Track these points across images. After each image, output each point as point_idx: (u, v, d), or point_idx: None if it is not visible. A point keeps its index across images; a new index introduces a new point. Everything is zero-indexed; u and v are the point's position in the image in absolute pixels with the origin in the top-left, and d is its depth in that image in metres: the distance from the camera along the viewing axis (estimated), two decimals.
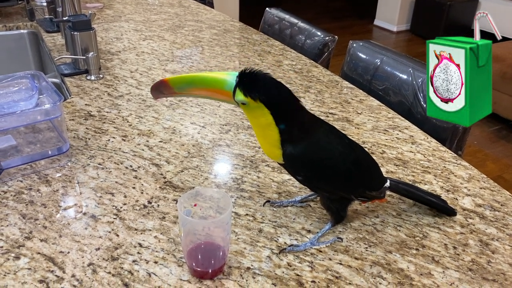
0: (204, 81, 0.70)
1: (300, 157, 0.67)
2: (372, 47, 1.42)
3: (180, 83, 0.72)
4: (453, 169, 0.96)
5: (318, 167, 0.69)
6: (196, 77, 0.72)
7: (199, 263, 0.67)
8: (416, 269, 0.70)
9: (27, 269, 0.68)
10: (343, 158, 0.71)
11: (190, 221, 0.66)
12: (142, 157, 0.97)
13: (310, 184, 0.73)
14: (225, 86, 0.67)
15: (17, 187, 0.87)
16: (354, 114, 1.19)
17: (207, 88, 0.69)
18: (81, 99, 1.23)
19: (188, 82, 0.72)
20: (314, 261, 0.71)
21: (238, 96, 0.65)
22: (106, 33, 1.80)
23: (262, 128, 0.68)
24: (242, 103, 0.66)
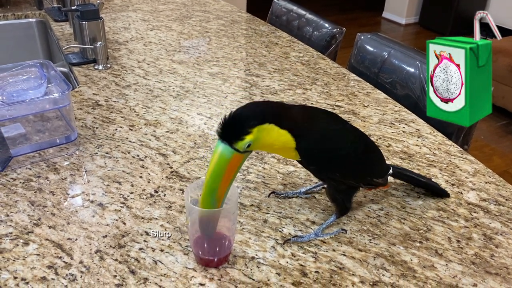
0: (218, 176, 0.63)
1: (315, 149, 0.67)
2: (379, 40, 1.41)
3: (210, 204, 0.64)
4: (459, 163, 0.96)
5: (331, 157, 0.70)
6: (209, 183, 0.63)
7: (205, 252, 0.68)
8: (419, 261, 0.71)
9: (36, 255, 0.69)
10: (354, 147, 0.71)
11: (197, 210, 0.67)
12: (149, 147, 0.98)
13: (321, 173, 0.74)
14: (225, 159, 0.62)
15: (26, 175, 0.88)
16: (361, 107, 1.19)
17: (224, 173, 0.62)
18: (89, 88, 1.24)
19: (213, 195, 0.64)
20: (318, 252, 0.72)
21: (239, 146, 0.61)
22: (114, 22, 1.80)
23: (278, 145, 0.66)
24: (247, 145, 0.61)
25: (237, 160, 0.62)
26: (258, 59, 1.49)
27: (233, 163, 0.62)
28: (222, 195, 0.64)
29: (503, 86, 3.22)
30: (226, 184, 0.64)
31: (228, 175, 0.63)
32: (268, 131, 0.62)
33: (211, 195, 0.63)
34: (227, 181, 0.63)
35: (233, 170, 0.63)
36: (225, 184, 0.63)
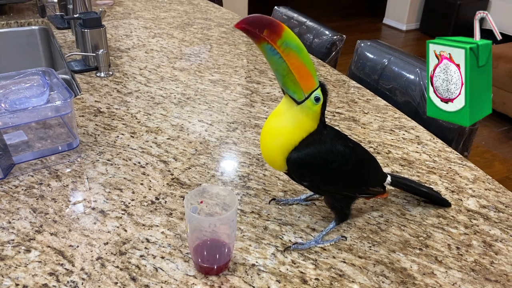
0: (308, 58, 0.65)
1: (304, 163, 0.68)
2: (379, 47, 1.42)
3: (291, 40, 0.63)
4: (458, 170, 0.97)
5: (321, 171, 0.70)
6: (305, 49, 0.65)
7: (204, 259, 0.69)
8: (419, 268, 0.71)
9: (37, 262, 0.70)
10: (345, 159, 0.72)
11: (197, 218, 0.68)
12: (150, 154, 0.99)
13: (315, 188, 0.74)
14: (316, 77, 0.67)
15: (28, 182, 0.88)
16: (361, 113, 1.20)
17: (305, 65, 0.65)
18: (91, 95, 1.25)
19: (298, 46, 0.64)
20: (318, 259, 0.72)
21: (318, 92, 0.67)
22: (116, 30, 1.81)
23: (294, 129, 0.68)
24: (317, 98, 0.67)
25: (311, 83, 0.67)
26: (259, 66, 1.50)
27: (310, 79, 0.66)
28: (289, 50, 0.64)
29: (503, 92, 3.22)
30: (292, 62, 0.64)
31: (302, 69, 0.65)
32: (313, 117, 0.68)
33: (295, 40, 0.64)
34: (297, 65, 0.65)
35: (303, 77, 0.66)
36: (294, 62, 0.64)
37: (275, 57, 0.64)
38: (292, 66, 0.64)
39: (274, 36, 0.62)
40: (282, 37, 0.62)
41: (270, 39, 0.62)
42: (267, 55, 0.64)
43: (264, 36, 0.62)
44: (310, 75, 0.65)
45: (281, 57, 0.64)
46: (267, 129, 0.71)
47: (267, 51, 0.64)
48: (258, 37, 0.63)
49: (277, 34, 0.62)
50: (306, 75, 0.65)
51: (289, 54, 0.63)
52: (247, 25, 0.62)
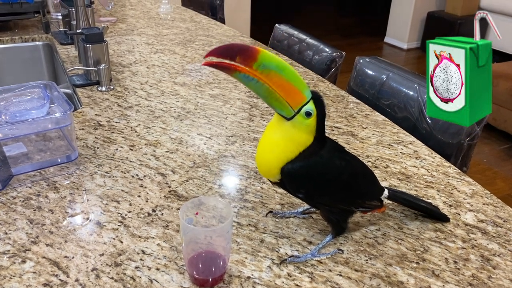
0: (293, 74, 0.64)
1: (298, 174, 0.69)
2: (378, 63, 1.44)
3: (269, 61, 0.62)
4: (457, 184, 0.96)
5: (316, 183, 0.70)
6: (288, 66, 0.64)
7: (199, 271, 0.68)
8: (415, 282, 0.70)
9: (32, 273, 0.70)
10: (340, 172, 0.72)
11: (192, 229, 0.68)
12: (148, 166, 0.99)
13: (310, 200, 0.74)
14: (305, 91, 0.66)
15: (25, 193, 0.89)
16: (359, 128, 1.20)
17: (290, 82, 0.64)
18: (92, 109, 1.26)
19: (278, 65, 0.63)
20: (314, 272, 0.72)
21: (310, 105, 0.66)
22: (118, 46, 1.84)
23: (289, 144, 0.68)
24: (307, 113, 0.66)
25: (299, 98, 0.66)
26: None
27: (298, 94, 0.66)
28: (268, 71, 0.64)
29: (504, 110, 3.23)
30: (275, 81, 0.64)
31: (287, 86, 0.65)
32: (307, 131, 0.68)
33: (274, 60, 0.64)
34: (280, 83, 0.64)
35: (290, 94, 0.65)
36: (276, 80, 0.64)
37: (252, 83, 0.64)
38: (274, 86, 0.64)
39: (248, 61, 0.62)
40: (258, 60, 0.62)
41: (244, 64, 0.62)
42: (242, 82, 0.65)
43: (237, 63, 0.62)
44: (296, 91, 0.65)
45: (258, 81, 0.64)
46: (263, 141, 0.71)
47: (242, 78, 0.64)
48: (229, 68, 0.63)
49: (252, 58, 0.62)
50: (292, 91, 0.65)
51: (268, 75, 0.63)
52: (216, 55, 0.61)
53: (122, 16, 2.34)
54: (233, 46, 0.62)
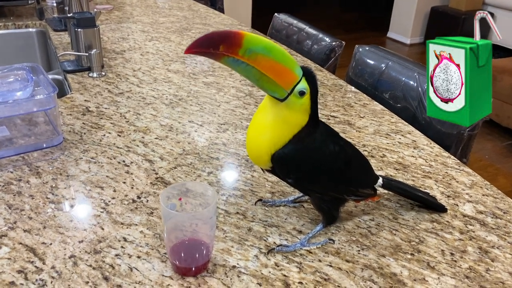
0: (282, 54, 0.60)
1: (288, 159, 0.65)
2: (378, 52, 1.40)
3: (256, 44, 0.58)
4: (455, 175, 0.93)
5: (307, 168, 0.66)
6: (275, 46, 0.60)
7: (182, 260, 0.65)
8: (409, 274, 0.67)
9: (6, 259, 0.66)
10: (333, 157, 0.68)
11: (175, 215, 0.64)
12: (136, 153, 0.95)
13: (301, 186, 0.71)
14: (296, 69, 0.62)
15: (6, 178, 0.85)
16: (357, 117, 1.16)
17: (279, 62, 0.60)
18: (81, 95, 1.22)
19: (265, 47, 0.59)
20: (303, 262, 0.68)
21: (303, 83, 0.62)
22: (113, 33, 1.80)
23: (283, 126, 0.64)
24: (301, 92, 0.62)
25: (291, 78, 0.62)
26: None
27: (290, 73, 0.62)
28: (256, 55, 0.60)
29: (508, 106, 3.18)
30: (264, 64, 0.60)
31: (277, 67, 0.61)
32: (301, 111, 0.64)
33: (261, 42, 0.59)
34: (270, 64, 0.60)
35: (280, 74, 0.61)
36: (266, 63, 0.60)
37: (241, 67, 0.60)
38: (264, 69, 0.60)
39: (233, 48, 0.58)
40: (243, 46, 0.58)
41: (229, 52, 0.58)
42: (231, 66, 0.61)
43: (221, 52, 0.58)
44: (287, 70, 0.61)
45: (248, 65, 0.60)
46: (254, 125, 0.68)
47: (230, 63, 0.60)
48: (215, 55, 0.59)
49: (236, 45, 0.58)
50: (282, 72, 0.61)
51: (256, 59, 0.59)
52: (198, 48, 0.57)
53: (119, 4, 2.30)
54: (213, 36, 0.57)
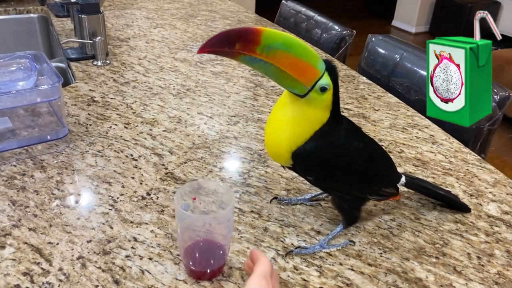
0: (303, 49, 0.56)
1: (310, 156, 0.61)
2: (391, 42, 1.35)
3: (274, 41, 0.54)
4: (477, 172, 0.89)
5: (330, 166, 0.63)
6: (296, 41, 0.55)
7: (196, 262, 0.61)
8: (435, 279, 0.64)
9: (11, 260, 0.63)
10: (357, 155, 0.64)
11: (189, 216, 0.60)
12: (144, 146, 0.92)
13: (322, 184, 0.67)
14: (319, 64, 0.57)
15: (9, 172, 0.82)
16: (371, 110, 1.12)
17: (300, 58, 0.56)
18: (86, 84, 1.18)
19: (285, 43, 0.55)
20: (323, 266, 0.65)
21: (325, 79, 0.58)
22: (117, 19, 1.75)
23: (304, 123, 0.61)
24: (323, 88, 0.58)
25: (313, 74, 0.58)
26: None
27: (311, 69, 0.58)
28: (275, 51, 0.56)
29: None
30: (284, 61, 0.56)
31: (297, 63, 0.57)
32: (323, 107, 0.60)
33: (280, 37, 0.55)
34: (289, 61, 0.56)
35: (301, 70, 0.57)
36: (285, 59, 0.56)
37: (259, 64, 0.56)
38: (283, 66, 0.56)
39: (250, 46, 0.54)
40: (262, 43, 0.54)
41: (246, 50, 0.54)
42: (248, 64, 0.57)
43: (237, 50, 0.54)
44: (308, 66, 0.57)
45: (265, 62, 0.55)
46: (273, 121, 0.64)
47: (247, 61, 0.56)
48: (231, 53, 0.54)
49: (254, 42, 0.53)
50: (303, 68, 0.57)
51: (275, 55, 0.55)
52: (212, 47, 0.53)
53: None
54: (229, 33, 0.53)
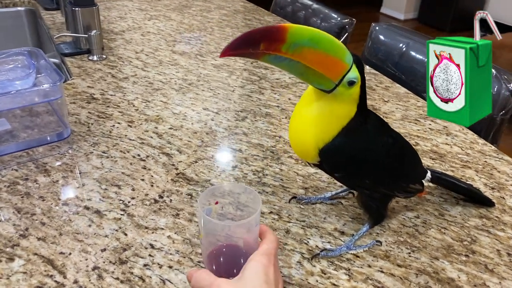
0: (331, 43, 0.52)
1: (339, 152, 0.58)
2: (396, 30, 1.32)
3: (300, 38, 0.51)
4: (495, 164, 0.87)
5: (359, 162, 0.60)
6: (323, 36, 0.52)
7: (221, 269, 0.58)
8: (468, 279, 0.61)
9: (22, 273, 0.59)
10: (387, 150, 0.62)
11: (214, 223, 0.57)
12: (150, 145, 0.88)
13: (350, 182, 0.64)
14: (346, 57, 0.54)
15: (11, 177, 0.77)
16: (381, 102, 1.10)
17: (328, 53, 0.53)
18: (83, 80, 1.13)
19: (312, 39, 0.51)
20: (351, 268, 0.62)
21: (353, 72, 0.54)
22: (109, 12, 1.69)
23: (330, 119, 0.57)
24: (350, 82, 0.55)
25: (340, 68, 0.55)
26: None
27: (339, 63, 0.54)
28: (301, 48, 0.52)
29: None
30: (310, 58, 0.53)
31: (324, 59, 0.53)
32: (350, 102, 0.57)
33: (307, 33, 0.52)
34: (316, 57, 0.53)
35: (328, 66, 0.54)
36: (312, 56, 0.53)
37: (284, 63, 0.53)
38: (310, 63, 0.53)
39: (276, 45, 0.51)
40: (287, 41, 0.50)
41: (272, 49, 0.51)
42: (273, 64, 0.54)
43: (262, 50, 0.51)
44: (336, 60, 0.54)
45: (291, 60, 0.52)
46: (298, 118, 0.60)
47: (272, 60, 0.53)
48: (256, 54, 0.51)
49: (279, 40, 0.50)
50: (331, 63, 0.53)
51: (301, 53, 0.52)
52: (236, 50, 0.50)
53: None
54: (253, 33, 0.50)
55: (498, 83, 1.02)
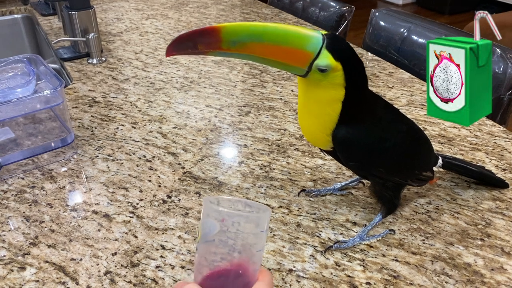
0: (279, 36, 0.51)
1: (354, 141, 0.57)
2: (397, 15, 1.30)
3: (237, 35, 0.51)
4: (505, 145, 0.86)
5: (374, 151, 0.59)
6: (267, 29, 0.51)
7: None
8: (485, 263, 0.60)
9: (34, 282, 0.59)
10: (402, 137, 0.61)
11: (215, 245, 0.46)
12: (156, 146, 0.87)
13: (363, 171, 0.63)
14: (308, 45, 0.51)
15: (18, 185, 0.77)
16: (385, 88, 1.08)
17: (279, 45, 0.51)
18: (84, 84, 1.12)
19: (252, 35, 0.51)
20: (365, 259, 0.61)
21: (323, 59, 0.51)
22: (105, 13, 1.68)
23: (320, 105, 0.56)
24: (321, 70, 0.52)
25: (303, 57, 0.52)
26: None
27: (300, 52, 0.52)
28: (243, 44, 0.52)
29: None
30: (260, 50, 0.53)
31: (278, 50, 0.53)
32: (335, 87, 0.54)
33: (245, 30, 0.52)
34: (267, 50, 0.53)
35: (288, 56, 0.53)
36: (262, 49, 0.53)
37: (235, 55, 0.54)
38: (263, 55, 0.52)
39: (214, 44, 0.52)
40: (224, 40, 0.51)
41: (211, 48, 0.52)
42: (225, 56, 0.56)
43: (202, 50, 0.52)
44: (293, 50, 0.52)
45: (240, 54, 0.53)
46: (299, 106, 0.61)
47: (221, 55, 0.55)
48: (199, 53, 0.53)
49: (215, 41, 0.51)
50: (287, 53, 0.52)
51: (247, 47, 0.52)
52: (177, 51, 0.52)
53: None
54: (187, 36, 0.51)
55: (504, 62, 1.00)
